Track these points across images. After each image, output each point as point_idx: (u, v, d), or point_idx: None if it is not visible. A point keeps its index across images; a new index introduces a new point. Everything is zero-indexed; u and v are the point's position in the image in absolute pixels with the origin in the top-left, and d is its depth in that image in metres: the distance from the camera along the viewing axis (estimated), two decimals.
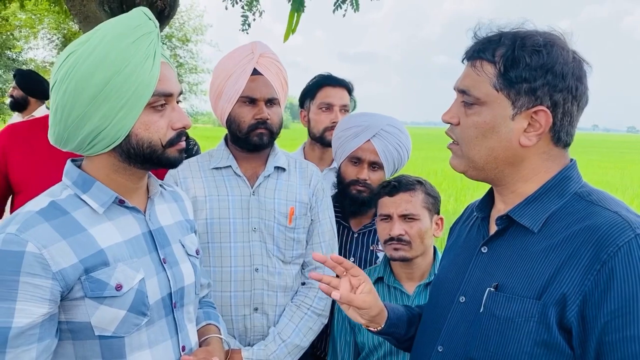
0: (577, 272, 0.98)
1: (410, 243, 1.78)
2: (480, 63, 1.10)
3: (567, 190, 1.10)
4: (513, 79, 1.05)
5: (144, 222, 1.25)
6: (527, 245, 1.09)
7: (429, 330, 1.28)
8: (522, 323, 1.03)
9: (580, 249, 1.00)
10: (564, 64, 1.04)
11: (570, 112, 1.07)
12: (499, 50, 1.08)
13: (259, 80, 1.78)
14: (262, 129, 1.79)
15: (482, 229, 1.24)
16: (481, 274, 1.16)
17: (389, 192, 1.83)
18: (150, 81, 1.13)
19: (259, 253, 1.80)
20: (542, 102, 1.05)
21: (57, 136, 1.16)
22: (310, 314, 1.84)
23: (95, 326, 1.11)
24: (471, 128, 1.11)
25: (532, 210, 1.10)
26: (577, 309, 0.97)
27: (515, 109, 1.06)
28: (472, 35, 1.15)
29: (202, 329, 1.45)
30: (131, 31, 1.12)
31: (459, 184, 13.73)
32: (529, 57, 1.04)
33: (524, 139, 1.08)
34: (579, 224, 1.03)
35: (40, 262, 1.04)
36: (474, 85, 1.10)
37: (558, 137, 1.09)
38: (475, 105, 1.10)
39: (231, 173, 1.86)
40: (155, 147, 1.18)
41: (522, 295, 1.05)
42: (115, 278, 1.13)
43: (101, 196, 1.18)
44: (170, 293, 1.25)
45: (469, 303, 1.17)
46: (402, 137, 2.11)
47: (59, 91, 1.11)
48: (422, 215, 1.80)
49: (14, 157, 1.88)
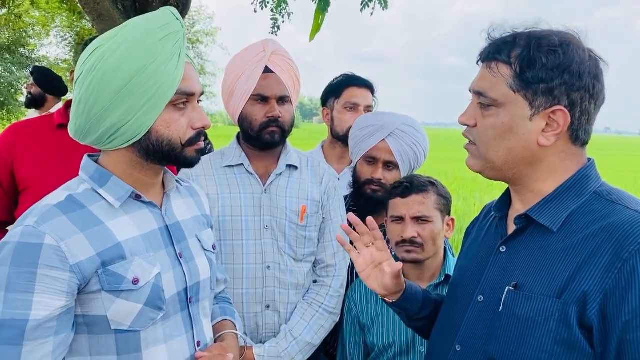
0: (598, 270, 0.98)
1: (422, 245, 1.77)
2: (495, 64, 1.09)
3: (586, 189, 1.09)
4: (530, 79, 1.05)
5: (161, 217, 1.26)
6: (546, 244, 1.09)
7: (446, 329, 1.27)
8: (542, 322, 1.03)
9: (601, 247, 0.99)
10: (580, 63, 1.04)
11: (588, 110, 1.07)
12: (514, 51, 1.07)
13: (270, 78, 1.78)
14: (274, 126, 1.79)
15: (500, 228, 1.23)
16: (500, 273, 1.16)
17: (400, 193, 1.81)
18: (174, 80, 1.14)
19: (270, 251, 1.80)
20: (560, 101, 1.05)
21: (78, 128, 1.17)
22: (322, 311, 1.84)
23: (111, 320, 1.12)
24: (489, 129, 1.11)
25: (551, 210, 1.10)
26: (598, 307, 0.97)
27: (532, 109, 1.06)
28: (485, 36, 1.14)
29: (218, 324, 1.45)
30: (158, 29, 1.13)
31: (469, 186, 13.67)
32: (545, 57, 1.04)
33: (542, 139, 1.07)
34: (599, 222, 1.03)
35: (58, 255, 1.04)
36: (490, 87, 1.10)
37: (576, 136, 1.09)
38: (492, 107, 1.10)
39: (243, 171, 1.86)
40: (175, 145, 1.19)
41: (542, 294, 1.04)
42: (132, 272, 1.13)
43: (117, 190, 1.18)
44: (186, 288, 1.26)
45: (487, 302, 1.16)
46: (418, 136, 2.09)
47: (84, 84, 1.12)
48: (435, 217, 1.79)
49: (20, 154, 1.90)
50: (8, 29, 16.14)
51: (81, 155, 1.27)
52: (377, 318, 1.83)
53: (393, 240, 1.83)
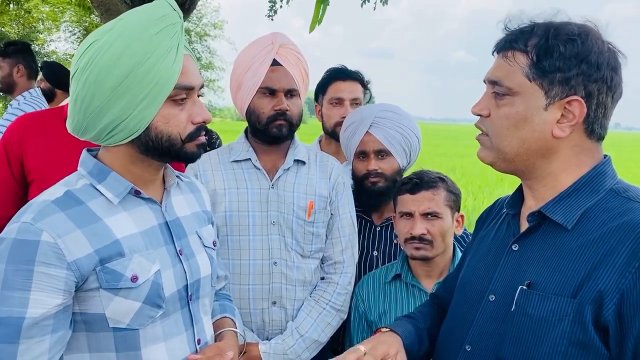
0: (615, 269, 0.95)
1: (432, 242, 1.74)
2: (512, 53, 1.07)
3: (602, 186, 1.06)
4: (546, 68, 1.02)
5: (160, 213, 1.24)
6: (560, 242, 1.05)
7: (456, 329, 1.25)
8: (557, 322, 1.00)
9: (618, 246, 0.96)
10: (599, 54, 1.01)
11: (604, 103, 1.04)
12: (531, 39, 1.05)
13: (278, 71, 1.75)
14: (282, 120, 1.77)
15: (512, 226, 1.20)
16: (512, 272, 1.13)
17: (410, 189, 1.78)
18: (173, 74, 1.11)
19: (277, 246, 1.78)
20: (576, 92, 1.02)
21: (76, 125, 1.15)
22: (329, 309, 1.82)
23: (109, 318, 1.10)
24: (503, 119, 1.08)
25: (566, 207, 1.06)
26: (614, 307, 0.94)
27: (548, 99, 1.03)
28: (502, 27, 1.11)
29: (218, 321, 1.43)
30: (155, 22, 1.10)
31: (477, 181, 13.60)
32: (563, 46, 1.01)
33: (557, 129, 1.04)
34: (616, 220, 1.00)
35: (55, 252, 1.03)
36: (505, 76, 1.07)
37: (592, 129, 1.05)
38: (507, 96, 1.07)
39: (250, 166, 1.84)
40: (175, 141, 1.16)
41: (556, 293, 1.01)
42: (130, 269, 1.11)
43: (116, 186, 1.16)
44: (186, 285, 1.24)
45: (499, 302, 1.13)
46: (400, 119, 2.06)
47: (80, 80, 1.09)
48: (444, 213, 1.76)
49: (29, 146, 1.90)
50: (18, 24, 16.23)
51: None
52: (384, 315, 1.81)
53: (402, 237, 1.81)
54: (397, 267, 1.86)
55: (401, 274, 1.84)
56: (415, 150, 2.11)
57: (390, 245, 2.08)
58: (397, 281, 1.85)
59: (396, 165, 2.05)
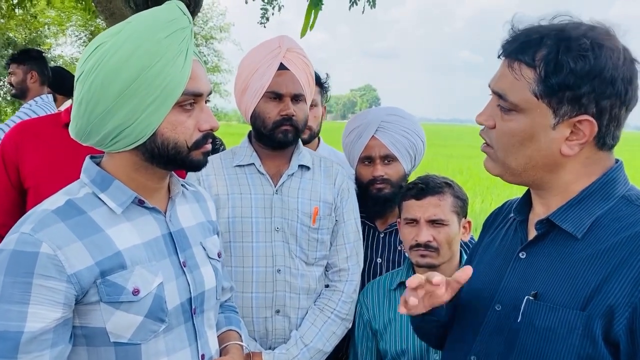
0: (627, 282, 0.91)
1: (438, 249, 1.70)
2: (518, 65, 1.00)
3: (613, 193, 1.02)
4: (555, 86, 0.96)
5: (164, 224, 1.21)
6: (569, 251, 1.02)
7: (461, 339, 1.21)
8: (565, 335, 0.96)
9: (631, 258, 0.92)
10: (613, 69, 0.94)
11: (617, 116, 0.98)
12: (539, 52, 0.98)
13: (285, 76, 1.73)
14: (288, 125, 1.74)
15: (519, 232, 1.16)
16: (519, 281, 1.09)
17: (415, 195, 1.74)
18: (181, 79, 1.08)
19: (281, 254, 1.75)
20: (587, 110, 0.96)
21: (79, 130, 1.12)
22: (334, 317, 1.79)
23: (110, 332, 1.07)
24: (508, 135, 1.04)
25: (576, 215, 1.03)
26: (626, 322, 0.90)
27: (556, 117, 0.98)
28: (509, 27, 1.05)
29: (223, 334, 1.40)
30: (164, 25, 1.07)
31: (485, 183, 13.51)
32: (574, 62, 0.94)
33: (565, 148, 0.99)
34: (628, 230, 0.96)
35: (54, 264, 1.00)
36: (511, 90, 1.02)
37: (603, 142, 1.01)
38: (512, 112, 1.02)
39: (254, 171, 1.81)
40: (181, 148, 1.13)
41: (564, 305, 0.98)
42: (132, 282, 1.08)
43: (120, 196, 1.13)
44: (190, 298, 1.21)
45: (505, 312, 1.10)
46: (406, 122, 2.03)
47: (85, 84, 1.06)
48: (451, 220, 1.72)
49: (25, 152, 1.88)
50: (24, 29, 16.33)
51: (87, 155, 1.22)
52: (389, 324, 1.78)
53: (407, 244, 1.77)
54: (402, 274, 1.83)
55: (406, 282, 1.81)
56: (420, 154, 2.08)
57: (394, 252, 2.04)
58: (403, 288, 1.82)
59: (402, 170, 2.02)
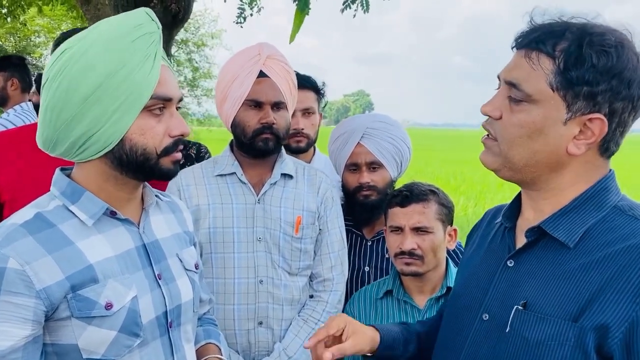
0: (623, 296, 0.88)
1: (422, 257, 1.68)
2: (536, 55, 0.97)
3: (605, 202, 0.99)
4: (573, 79, 0.93)
5: (138, 235, 1.17)
6: (561, 260, 0.99)
7: (448, 350, 1.18)
8: (556, 347, 0.93)
9: (627, 270, 0.90)
10: (632, 70, 0.92)
11: (625, 122, 0.96)
12: (561, 43, 0.95)
13: (265, 83, 1.70)
14: (268, 133, 1.71)
15: (507, 239, 1.13)
16: (507, 289, 1.06)
17: (400, 202, 1.73)
18: (149, 83, 1.06)
19: (263, 264, 1.72)
20: (600, 109, 0.93)
21: (46, 138, 1.09)
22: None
23: (82, 349, 1.03)
24: (516, 127, 0.99)
25: (568, 223, 0.99)
26: (622, 337, 0.87)
27: (569, 112, 0.95)
28: (528, 19, 1.01)
29: (201, 348, 1.36)
30: (131, 30, 1.05)
31: (478, 188, 13.53)
32: (597, 57, 0.91)
33: (572, 146, 0.96)
34: (623, 241, 0.93)
35: (22, 280, 0.96)
36: (526, 79, 0.98)
37: (607, 147, 0.98)
38: (524, 102, 0.98)
39: (236, 180, 1.78)
40: (150, 154, 1.10)
41: (555, 316, 0.95)
42: (105, 296, 1.05)
43: (91, 207, 1.10)
44: (165, 311, 1.17)
45: (493, 321, 1.06)
46: (392, 129, 2.01)
47: (50, 90, 1.04)
48: (436, 227, 1.70)
49: (2, 164, 1.84)
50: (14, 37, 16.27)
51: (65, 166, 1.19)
52: None
53: (392, 251, 1.75)
54: (389, 283, 1.81)
55: (393, 290, 1.78)
56: (406, 161, 2.06)
57: (382, 260, 2.02)
58: (389, 297, 1.79)
59: (388, 177, 2.00)
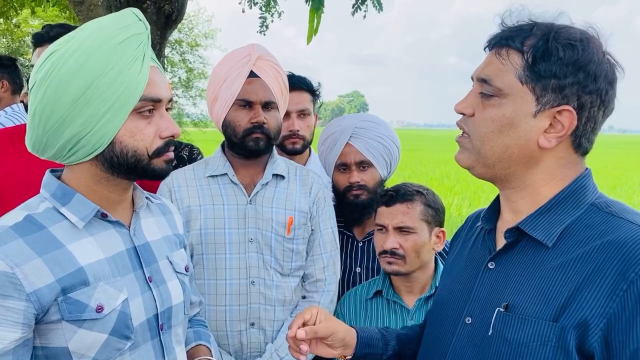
0: (601, 292, 0.89)
1: (404, 257, 1.69)
2: (506, 51, 1.00)
3: (583, 200, 1.00)
4: (541, 72, 0.96)
5: (128, 238, 1.17)
6: (540, 260, 0.99)
7: (432, 354, 1.18)
8: (538, 348, 0.94)
9: (603, 267, 0.90)
10: (597, 64, 0.95)
11: (595, 117, 0.98)
12: (529, 39, 0.98)
13: (255, 83, 1.70)
14: (259, 133, 1.71)
15: (488, 242, 1.13)
16: (489, 292, 1.06)
17: (385, 202, 1.74)
18: (138, 85, 1.05)
19: (255, 265, 1.71)
20: (569, 101, 0.96)
21: (35, 142, 1.09)
22: None
23: (73, 352, 1.03)
24: (487, 121, 1.01)
25: (546, 222, 1.00)
26: (601, 333, 0.88)
27: (538, 105, 0.97)
28: (499, 21, 1.04)
29: (192, 350, 1.36)
30: (119, 31, 1.05)
31: (472, 188, 13.56)
32: (562, 50, 0.95)
33: (543, 139, 0.98)
34: (599, 238, 0.93)
35: (12, 282, 0.96)
36: (496, 75, 1.00)
37: (579, 142, 1.00)
38: (494, 97, 1.00)
39: (227, 181, 1.78)
40: (141, 156, 1.10)
41: (536, 316, 0.95)
42: (95, 299, 1.04)
43: (81, 209, 1.09)
44: (156, 314, 1.17)
45: (476, 325, 1.06)
46: (380, 128, 2.03)
47: (38, 93, 1.04)
48: (419, 228, 1.70)
49: None
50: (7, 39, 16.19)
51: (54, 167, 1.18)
52: None
53: (377, 250, 1.77)
54: (379, 283, 1.81)
55: (382, 290, 1.78)
56: (395, 160, 2.07)
57: (373, 261, 2.02)
58: (379, 297, 1.79)
59: (377, 176, 2.00)
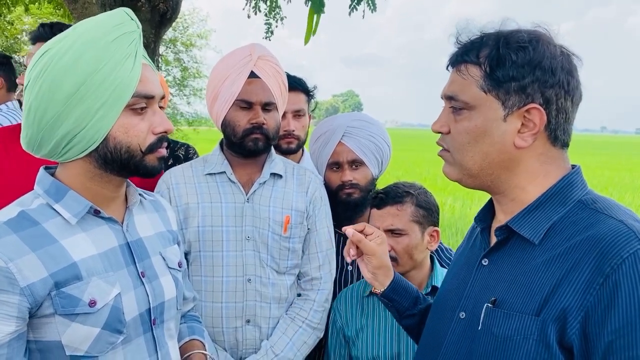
0: (579, 286, 0.92)
1: (396, 259, 1.70)
2: (465, 66, 1.06)
3: (570, 197, 1.03)
4: (500, 78, 1.01)
5: (121, 234, 1.19)
6: (527, 257, 1.02)
7: (430, 346, 1.21)
8: (521, 342, 0.97)
9: (582, 261, 0.93)
10: (551, 58, 1.00)
11: (564, 108, 1.02)
12: (483, 50, 1.03)
13: (256, 84, 1.71)
14: (258, 134, 1.73)
15: (483, 240, 1.17)
16: (481, 288, 1.10)
17: (376, 205, 1.76)
18: (130, 82, 1.08)
19: (252, 263, 1.73)
20: (534, 99, 1.00)
21: (30, 139, 1.11)
22: (305, 327, 1.77)
23: (66, 345, 1.05)
24: (462, 134, 1.06)
25: (533, 220, 1.03)
26: (579, 326, 0.90)
27: (506, 109, 1.02)
28: (454, 40, 1.10)
29: (186, 344, 1.38)
30: (111, 29, 1.07)
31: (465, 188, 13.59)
32: (515, 54, 1.00)
33: (518, 140, 1.02)
34: (581, 233, 0.96)
35: (6, 277, 0.98)
36: (461, 90, 1.06)
37: (555, 135, 1.03)
38: (464, 110, 1.06)
39: (225, 179, 1.79)
40: (134, 152, 1.12)
41: (520, 311, 0.98)
42: (88, 293, 1.06)
43: (74, 206, 1.11)
44: (149, 309, 1.19)
45: (469, 319, 1.10)
46: (372, 128, 2.05)
47: (33, 91, 1.06)
48: (411, 229, 1.71)
49: None
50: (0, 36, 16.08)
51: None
52: (362, 330, 1.77)
53: None
54: None
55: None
56: (386, 159, 2.10)
57: None
58: (375, 296, 1.81)
59: (370, 175, 2.03)
